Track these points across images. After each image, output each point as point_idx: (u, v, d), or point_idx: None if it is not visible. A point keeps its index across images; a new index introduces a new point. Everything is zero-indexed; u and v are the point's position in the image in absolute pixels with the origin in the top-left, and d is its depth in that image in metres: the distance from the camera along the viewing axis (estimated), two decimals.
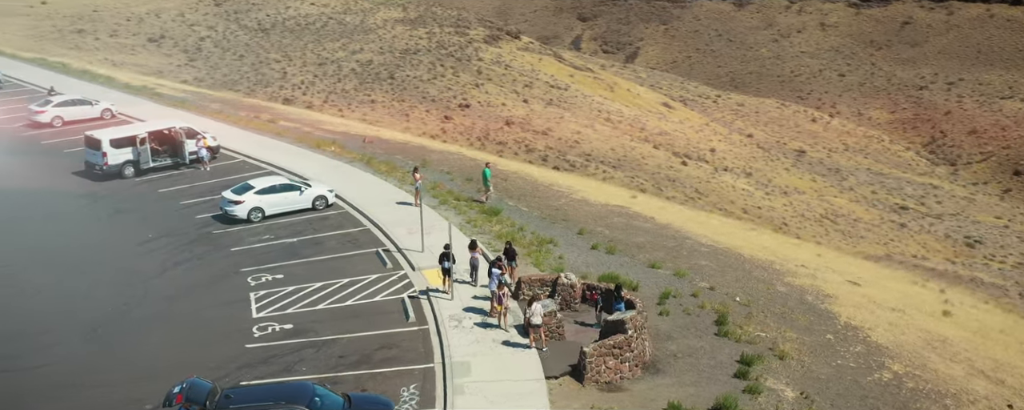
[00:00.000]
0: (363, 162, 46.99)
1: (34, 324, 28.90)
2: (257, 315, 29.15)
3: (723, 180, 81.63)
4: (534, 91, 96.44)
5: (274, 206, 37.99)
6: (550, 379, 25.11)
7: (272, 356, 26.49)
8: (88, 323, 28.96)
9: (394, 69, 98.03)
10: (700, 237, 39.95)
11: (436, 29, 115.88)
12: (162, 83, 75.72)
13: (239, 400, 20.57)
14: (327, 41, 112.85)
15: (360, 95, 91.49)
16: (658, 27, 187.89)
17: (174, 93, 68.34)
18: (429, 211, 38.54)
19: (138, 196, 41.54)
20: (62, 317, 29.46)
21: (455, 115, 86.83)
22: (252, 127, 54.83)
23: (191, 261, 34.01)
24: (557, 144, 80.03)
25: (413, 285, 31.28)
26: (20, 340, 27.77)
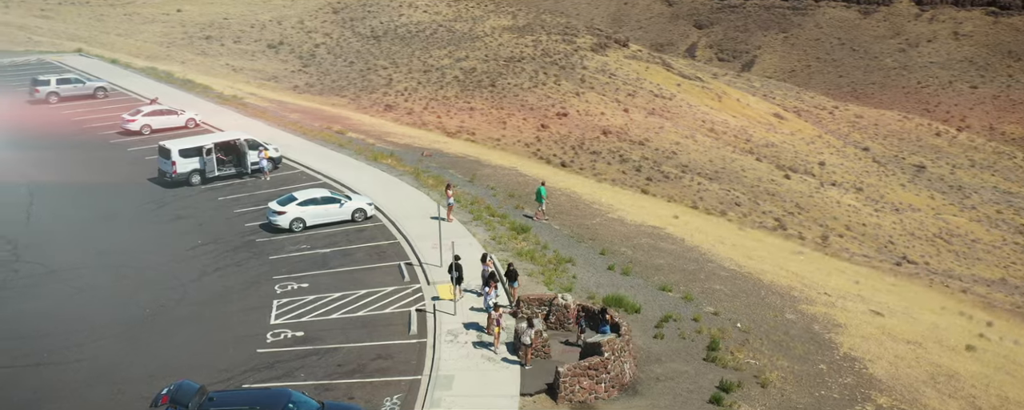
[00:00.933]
0: (413, 175, 49.21)
1: (80, 321, 32.04)
2: (274, 322, 31.55)
3: (828, 195, 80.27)
4: (637, 100, 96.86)
5: (315, 217, 40.51)
6: (525, 396, 26.54)
7: (278, 362, 28.77)
8: (125, 322, 31.93)
9: (496, 77, 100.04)
10: (725, 260, 40.53)
11: (543, 37, 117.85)
12: (254, 93, 79.93)
13: (220, 403, 22.79)
14: (434, 48, 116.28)
15: (460, 102, 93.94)
16: (777, 35, 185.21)
17: (259, 102, 72.23)
18: (459, 226, 40.42)
19: (199, 203, 44.79)
20: (105, 315, 32.53)
21: (552, 124, 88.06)
22: (320, 138, 57.82)
23: (230, 267, 36.80)
24: (653, 154, 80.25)
25: (425, 298, 33.15)
26: (64, 336, 30.90)
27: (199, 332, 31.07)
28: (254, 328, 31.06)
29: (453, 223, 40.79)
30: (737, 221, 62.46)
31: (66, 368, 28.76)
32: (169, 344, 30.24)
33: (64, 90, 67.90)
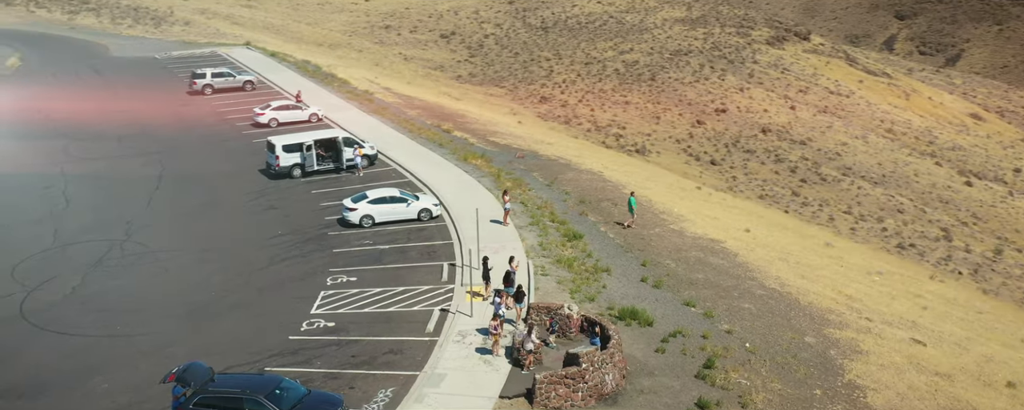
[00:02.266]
0: (493, 177, 51.92)
1: (155, 299, 36.89)
2: (313, 311, 35.17)
3: (1016, 205, 76.29)
4: (808, 97, 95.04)
5: (384, 215, 44.01)
6: (503, 398, 28.81)
7: (302, 349, 32.33)
8: (191, 303, 36.49)
9: (657, 70, 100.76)
10: (769, 279, 40.92)
11: (716, 30, 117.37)
12: (389, 87, 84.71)
13: (219, 385, 26.39)
14: (600, 40, 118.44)
15: (616, 96, 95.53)
16: (990, 28, 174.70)
17: (387, 98, 76.84)
18: (513, 231, 42.85)
19: (293, 195, 49.33)
20: (178, 296, 37.24)
21: (709, 120, 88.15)
22: (424, 136, 61.50)
23: (296, 258, 40.87)
24: (814, 155, 79.19)
25: (455, 299, 35.87)
26: (138, 311, 35.77)
27: (247, 316, 35.12)
28: (294, 316, 34.78)
29: (508, 227, 43.25)
30: (848, 237, 61.39)
31: (131, 340, 33.47)
32: (218, 326, 34.44)
33: (217, 83, 74.88)
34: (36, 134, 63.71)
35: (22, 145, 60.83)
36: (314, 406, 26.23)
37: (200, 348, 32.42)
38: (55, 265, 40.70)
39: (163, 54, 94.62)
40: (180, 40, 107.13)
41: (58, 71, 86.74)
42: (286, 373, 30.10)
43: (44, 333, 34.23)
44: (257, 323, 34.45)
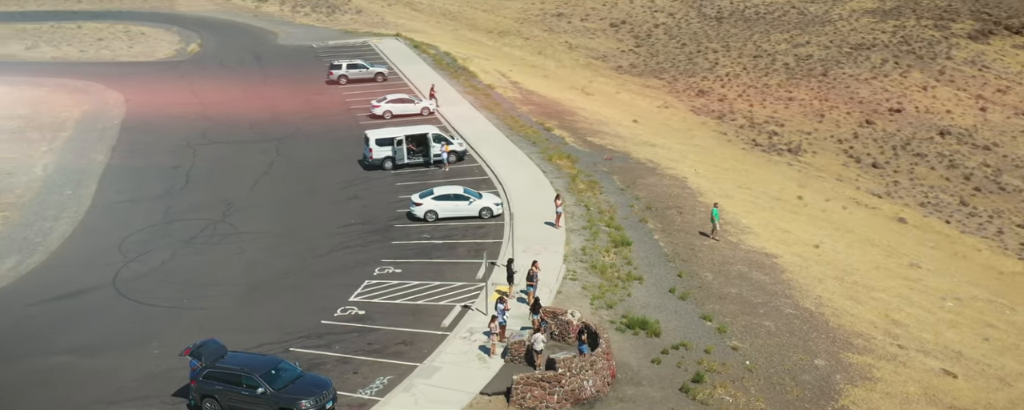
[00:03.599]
0: (569, 179, 53.80)
1: (224, 277, 41.48)
2: (351, 299, 38.55)
3: None
4: (1006, 97, 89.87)
5: (446, 211, 46.95)
6: (483, 395, 31.10)
7: (327, 333, 35.75)
8: (252, 283, 40.80)
9: (831, 65, 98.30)
10: (807, 298, 40.84)
11: (910, 21, 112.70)
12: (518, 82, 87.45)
13: (226, 362, 30.13)
14: (775, 32, 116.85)
15: (780, 91, 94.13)
16: None
17: (507, 93, 79.65)
18: (562, 234, 44.73)
19: (378, 187, 53.09)
20: (243, 275, 41.68)
21: (880, 119, 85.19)
22: (522, 134, 63.90)
23: (357, 246, 44.51)
24: (998, 161, 75.34)
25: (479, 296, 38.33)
26: (206, 287, 40.44)
27: (294, 299, 38.98)
28: (333, 302, 38.30)
29: (559, 229, 45.18)
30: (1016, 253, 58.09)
31: (190, 313, 38.09)
32: (266, 305, 38.49)
33: (351, 73, 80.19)
34: (185, 116, 70.91)
35: (170, 126, 68.03)
36: (304, 387, 29.47)
37: (243, 325, 36.52)
38: (156, 240, 46.27)
39: (320, 43, 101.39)
40: (343, 30, 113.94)
41: (226, 58, 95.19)
42: (306, 355, 33.70)
43: (124, 300, 39.46)
44: (299, 306, 38.20)
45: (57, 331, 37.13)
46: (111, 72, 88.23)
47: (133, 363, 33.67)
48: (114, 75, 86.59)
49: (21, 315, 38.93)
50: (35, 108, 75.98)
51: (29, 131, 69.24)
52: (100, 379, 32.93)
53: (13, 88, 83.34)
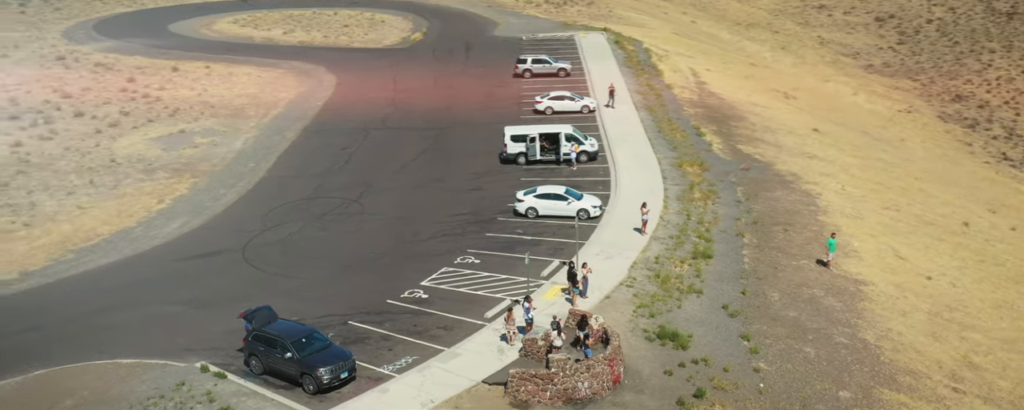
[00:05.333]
0: (688, 186, 54.48)
1: (329, 252, 46.85)
2: (421, 283, 42.48)
3: None
4: None
5: (546, 209, 49.60)
6: (484, 383, 33.91)
7: (385, 312, 39.86)
8: (347, 261, 45.83)
9: None
10: (869, 330, 39.63)
11: None
12: (704, 83, 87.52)
13: (272, 328, 34.98)
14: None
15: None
16: None
17: (683, 93, 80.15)
18: (642, 241, 46.06)
19: (504, 181, 56.51)
20: (347, 251, 46.76)
21: None
22: (668, 137, 64.68)
23: (455, 235, 48.32)
24: None
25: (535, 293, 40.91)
26: (311, 260, 45.94)
27: (375, 278, 43.49)
28: (405, 284, 42.38)
29: (644, 236, 46.53)
30: None
31: (287, 281, 43.66)
32: (350, 281, 43.27)
33: (536, 68, 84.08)
34: (376, 102, 78.08)
35: (359, 110, 75.33)
36: (325, 357, 33.69)
37: (321, 296, 41.55)
38: (294, 213, 52.72)
39: (529, 36, 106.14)
40: (562, 22, 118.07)
41: (439, 47, 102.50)
42: (358, 329, 38.09)
43: (244, 264, 45.90)
44: (376, 285, 42.65)
45: (183, 284, 44.10)
46: (338, 58, 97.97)
47: (224, 319, 39.56)
48: (339, 61, 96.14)
49: (165, 268, 46.45)
50: (262, 88, 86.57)
51: (249, 108, 79.34)
52: (193, 328, 39.15)
53: (255, 68, 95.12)
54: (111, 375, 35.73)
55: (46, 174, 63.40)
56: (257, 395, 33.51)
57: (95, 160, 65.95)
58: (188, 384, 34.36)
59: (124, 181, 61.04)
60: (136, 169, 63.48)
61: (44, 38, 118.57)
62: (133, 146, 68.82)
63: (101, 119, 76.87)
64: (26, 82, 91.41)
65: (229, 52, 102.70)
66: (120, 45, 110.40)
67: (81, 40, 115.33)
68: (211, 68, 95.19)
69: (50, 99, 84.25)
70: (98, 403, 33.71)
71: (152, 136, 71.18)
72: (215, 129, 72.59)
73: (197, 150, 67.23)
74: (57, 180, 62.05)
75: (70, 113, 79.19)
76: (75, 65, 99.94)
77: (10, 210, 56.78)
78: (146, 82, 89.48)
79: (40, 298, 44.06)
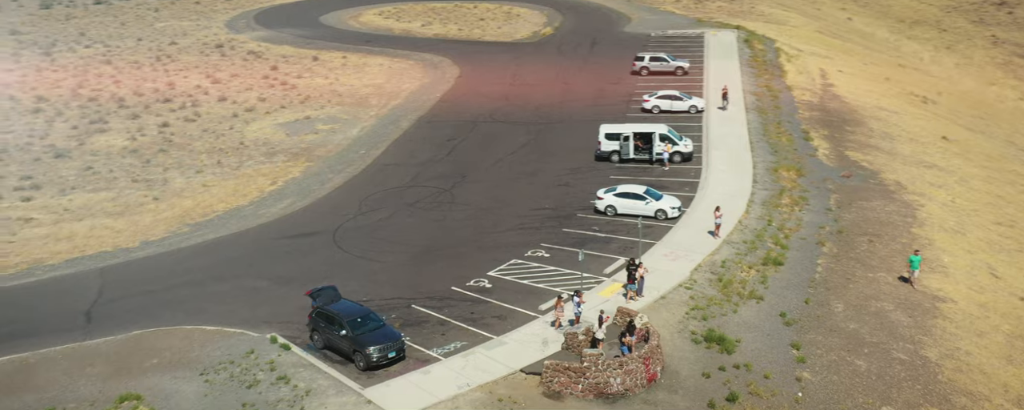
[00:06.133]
0: (778, 192, 53.83)
1: (413, 238, 49.17)
2: (488, 273, 44.13)
3: None
4: None
5: (624, 208, 50.27)
6: (521, 372, 35.28)
7: (448, 298, 41.72)
8: (428, 246, 48.01)
9: None
10: (934, 348, 38.53)
11: None
12: (832, 84, 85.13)
13: (334, 307, 37.45)
14: None
15: None
16: None
17: (803, 95, 78.41)
18: (713, 245, 46.11)
19: (593, 177, 57.38)
20: (428, 238, 48.90)
21: None
22: (771, 140, 63.72)
23: (531, 228, 49.69)
24: None
25: (590, 290, 41.90)
26: (394, 244, 48.33)
27: (447, 266, 45.43)
28: (473, 273, 44.17)
29: (716, 240, 46.55)
30: None
31: (367, 264, 46.25)
32: (423, 267, 45.36)
33: (653, 66, 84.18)
34: (491, 95, 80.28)
35: (473, 103, 77.77)
36: (376, 336, 35.87)
37: (394, 279, 43.90)
38: (388, 199, 55.51)
39: (658, 32, 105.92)
40: (697, 18, 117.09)
41: (565, 42, 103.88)
42: (419, 312, 40.21)
43: (332, 246, 48.92)
44: (446, 272, 44.64)
45: (275, 261, 47.51)
46: (467, 51, 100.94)
47: (301, 295, 42.47)
48: (467, 53, 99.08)
49: (264, 245, 50.09)
50: (389, 78, 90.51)
51: (372, 98, 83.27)
52: (273, 302, 42.31)
53: (387, 59, 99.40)
54: (194, 339, 39.22)
55: (182, 153, 68.96)
56: (313, 367, 36.10)
57: (226, 142, 71.12)
58: (256, 352, 37.37)
59: (247, 163, 65.67)
60: (259, 152, 68.09)
61: (210, 27, 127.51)
62: (262, 130, 73.70)
63: (240, 104, 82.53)
64: (186, 68, 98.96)
65: (367, 43, 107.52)
66: (273, 35, 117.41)
67: (240, 29, 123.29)
68: (347, 58, 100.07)
69: (201, 84, 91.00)
70: (177, 364, 37.19)
71: (280, 121, 75.95)
72: (337, 117, 76.68)
73: (317, 136, 71.34)
74: (190, 159, 67.42)
75: (215, 98, 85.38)
76: (230, 53, 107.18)
77: (146, 185, 62.26)
78: (287, 70, 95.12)
79: (155, 266, 48.45)
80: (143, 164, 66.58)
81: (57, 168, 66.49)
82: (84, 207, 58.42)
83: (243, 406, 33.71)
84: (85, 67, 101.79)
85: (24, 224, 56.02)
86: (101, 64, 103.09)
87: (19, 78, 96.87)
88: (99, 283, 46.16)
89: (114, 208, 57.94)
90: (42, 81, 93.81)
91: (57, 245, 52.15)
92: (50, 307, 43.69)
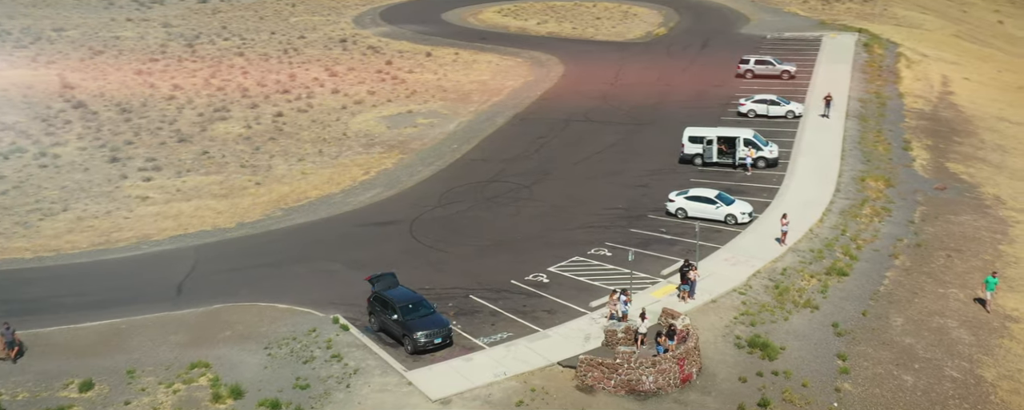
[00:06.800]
0: (859, 202, 52.75)
1: (484, 231, 50.72)
2: (548, 269, 45.22)
3: None
4: None
5: (695, 211, 50.38)
6: (558, 364, 36.28)
7: (504, 291, 43.01)
8: (498, 239, 49.41)
9: None
10: (990, 367, 37.35)
11: None
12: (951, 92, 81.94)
13: (388, 292, 39.34)
14: None
15: None
16: None
17: (917, 103, 75.85)
18: (777, 252, 45.80)
19: (673, 180, 57.42)
20: (499, 231, 50.26)
21: None
22: (866, 147, 62.16)
23: (599, 228, 50.42)
24: None
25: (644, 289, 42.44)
26: (465, 236, 49.93)
27: (510, 259, 46.76)
28: (534, 268, 45.35)
29: (782, 247, 46.21)
30: None
31: (435, 254, 48.03)
32: (491, 259, 46.74)
33: (757, 69, 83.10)
34: (589, 95, 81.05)
35: (569, 102, 78.78)
36: (425, 322, 37.56)
37: (458, 269, 45.56)
38: (469, 193, 57.30)
39: (774, 34, 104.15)
40: (819, 20, 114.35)
41: (676, 43, 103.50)
42: (475, 303, 41.81)
43: (406, 235, 51.06)
44: (508, 265, 45.96)
45: (352, 247, 49.98)
46: (576, 49, 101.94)
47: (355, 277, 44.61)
48: (575, 52, 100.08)
49: (345, 232, 52.71)
50: (495, 75, 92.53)
51: (475, 94, 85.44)
52: (342, 284, 44.66)
53: (497, 56, 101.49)
54: (266, 316, 42.00)
55: (289, 142, 72.81)
56: (365, 348, 38.19)
57: (331, 133, 74.62)
58: (318, 331, 39.78)
59: (345, 153, 68.84)
60: (359, 143, 71.21)
61: (338, 22, 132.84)
62: (365, 122, 76.92)
63: (350, 97, 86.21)
64: (308, 61, 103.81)
65: (481, 40, 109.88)
66: (394, 30, 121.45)
67: (365, 25, 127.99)
68: (459, 54, 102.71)
69: (319, 76, 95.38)
70: (246, 337, 39.98)
71: (384, 114, 79.02)
72: (438, 111, 79.16)
73: (415, 130, 73.96)
74: (296, 147, 71.15)
75: (329, 90, 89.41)
76: (352, 47, 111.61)
77: (251, 170, 66.19)
78: (400, 65, 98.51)
79: (245, 246, 51.76)
80: (253, 150, 70.66)
81: (178, 152, 71.31)
82: (194, 189, 62.68)
83: (296, 379, 36.03)
84: (220, 58, 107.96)
85: (141, 202, 60.54)
86: (234, 56, 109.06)
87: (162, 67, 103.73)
88: (194, 259, 49.67)
89: (220, 190, 61.93)
90: (181, 71, 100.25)
91: (164, 223, 56.27)
92: (148, 279, 47.37)
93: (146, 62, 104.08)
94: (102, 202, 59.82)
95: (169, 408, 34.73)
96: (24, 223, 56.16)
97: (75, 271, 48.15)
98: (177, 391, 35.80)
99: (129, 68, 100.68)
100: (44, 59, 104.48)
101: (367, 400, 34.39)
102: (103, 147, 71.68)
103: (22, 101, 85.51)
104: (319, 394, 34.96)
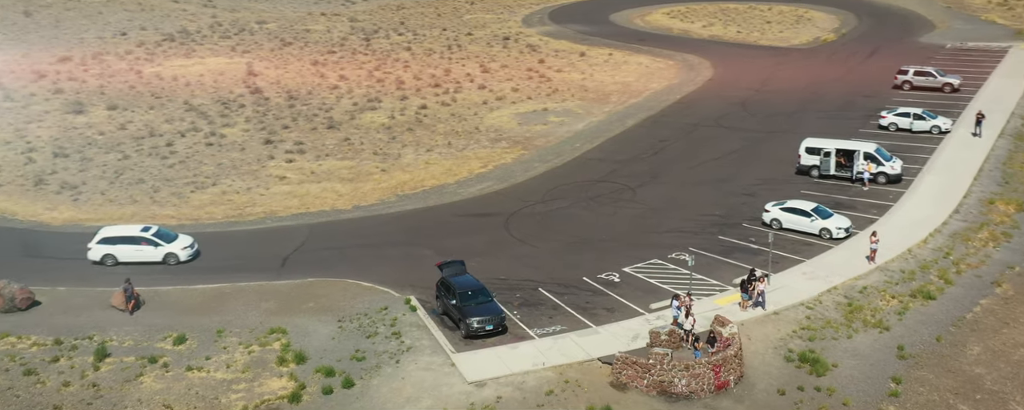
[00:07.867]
0: (979, 225, 49.67)
1: (573, 229, 51.47)
2: (622, 269, 45.53)
3: None
4: None
5: (789, 223, 48.96)
6: (597, 359, 36.80)
7: (573, 286, 43.59)
8: (583, 237, 50.06)
9: None
10: None
11: None
12: None
13: (454, 278, 40.96)
14: None
15: None
16: None
17: None
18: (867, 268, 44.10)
19: (782, 190, 55.88)
20: (587, 230, 50.83)
21: None
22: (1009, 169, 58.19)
23: (692, 232, 49.94)
24: None
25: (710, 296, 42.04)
26: (554, 232, 50.78)
27: (588, 257, 47.26)
28: (610, 267, 45.73)
29: (871, 265, 44.43)
30: None
31: (520, 247, 49.37)
32: (569, 256, 47.35)
33: (916, 80, 78.85)
34: (728, 100, 79.80)
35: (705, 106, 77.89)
36: (480, 309, 38.94)
37: (535, 263, 46.68)
38: (573, 191, 58.13)
39: (956, 43, 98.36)
40: (1016, 30, 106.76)
41: (842, 50, 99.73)
42: (542, 296, 42.94)
43: (501, 229, 52.67)
44: (585, 262, 46.59)
45: (447, 234, 52.05)
46: (733, 54, 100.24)
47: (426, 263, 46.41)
48: (731, 57, 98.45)
49: (445, 220, 54.91)
50: (640, 77, 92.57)
51: (614, 95, 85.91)
52: (425, 268, 46.64)
53: (649, 58, 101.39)
54: (349, 291, 44.83)
55: (425, 133, 76.17)
56: (424, 329, 40.17)
57: (465, 126, 77.40)
58: (388, 309, 42.14)
59: (471, 146, 71.33)
60: (487, 137, 73.52)
61: (507, 21, 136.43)
62: (500, 118, 79.20)
63: (494, 93, 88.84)
64: (467, 57, 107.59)
65: (640, 41, 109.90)
66: (557, 30, 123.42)
67: (532, 24, 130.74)
68: (612, 55, 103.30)
69: (471, 72, 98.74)
70: (326, 310, 42.91)
71: (520, 111, 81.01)
72: (572, 110, 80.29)
73: (545, 127, 75.46)
74: (428, 138, 74.38)
75: (477, 86, 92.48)
76: (512, 45, 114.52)
77: (381, 157, 69.91)
78: (551, 64, 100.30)
79: (353, 227, 55.06)
80: (389, 140, 74.44)
81: (325, 137, 76.16)
82: (326, 172, 66.99)
83: (355, 351, 38.48)
84: (389, 52, 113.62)
85: (278, 181, 65.38)
86: (402, 50, 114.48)
87: (336, 59, 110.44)
88: (305, 236, 53.39)
89: (348, 175, 65.88)
90: (351, 63, 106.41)
91: (291, 201, 60.61)
92: (261, 250, 51.40)
93: (324, 54, 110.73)
94: (246, 179, 64.92)
95: (239, 366, 37.93)
96: (178, 193, 61.97)
97: (205, 239, 52.79)
98: (252, 352, 39.00)
99: (308, 59, 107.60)
100: (241, 49, 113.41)
101: (410, 376, 36.29)
102: (263, 130, 77.49)
103: (212, 86, 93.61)
104: (371, 367, 37.17)
